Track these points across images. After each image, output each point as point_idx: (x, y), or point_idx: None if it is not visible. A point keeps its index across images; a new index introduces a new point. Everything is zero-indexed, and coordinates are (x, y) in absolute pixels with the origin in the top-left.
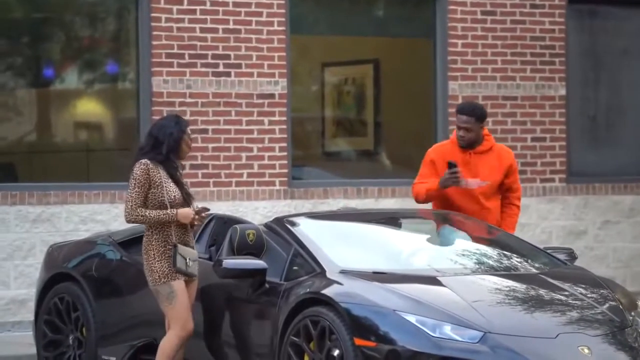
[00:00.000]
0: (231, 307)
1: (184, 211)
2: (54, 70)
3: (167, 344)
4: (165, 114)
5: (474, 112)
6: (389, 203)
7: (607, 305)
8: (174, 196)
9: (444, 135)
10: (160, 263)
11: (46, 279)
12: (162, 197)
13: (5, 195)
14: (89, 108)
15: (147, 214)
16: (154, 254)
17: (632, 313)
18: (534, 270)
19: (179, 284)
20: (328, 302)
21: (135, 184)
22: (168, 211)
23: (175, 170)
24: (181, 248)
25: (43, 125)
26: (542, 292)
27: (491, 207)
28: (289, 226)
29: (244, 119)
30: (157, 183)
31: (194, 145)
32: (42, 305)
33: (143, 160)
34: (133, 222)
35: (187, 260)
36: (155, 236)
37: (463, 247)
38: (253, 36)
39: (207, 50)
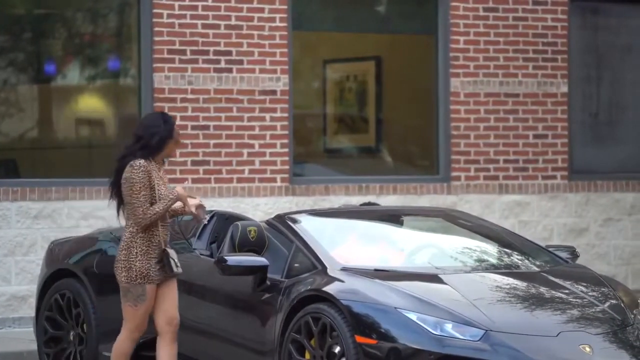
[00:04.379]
0: (232, 304)
1: (181, 189)
2: (55, 66)
3: (122, 345)
4: (166, 110)
5: None
6: (390, 200)
7: (608, 303)
8: (164, 194)
9: (446, 132)
10: (141, 263)
11: (47, 275)
12: (154, 196)
13: (6, 191)
14: (91, 104)
15: (157, 209)
16: (136, 252)
17: (634, 311)
18: (535, 268)
19: (151, 288)
20: (329, 299)
21: (140, 187)
22: (169, 195)
23: (159, 170)
24: (171, 252)
25: (45, 121)
26: (543, 290)
27: None
28: (290, 223)
29: (246, 115)
30: (152, 183)
31: (195, 141)
32: (43, 302)
33: (141, 162)
34: (147, 224)
35: (176, 261)
36: (140, 234)
37: (464, 244)
38: (255, 32)
39: (208, 47)
